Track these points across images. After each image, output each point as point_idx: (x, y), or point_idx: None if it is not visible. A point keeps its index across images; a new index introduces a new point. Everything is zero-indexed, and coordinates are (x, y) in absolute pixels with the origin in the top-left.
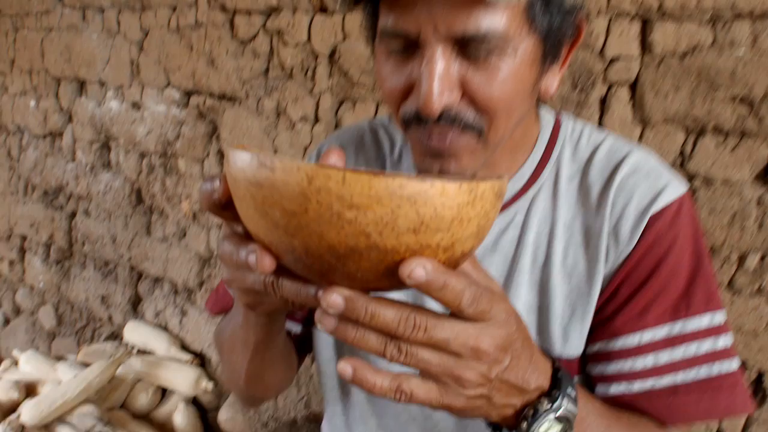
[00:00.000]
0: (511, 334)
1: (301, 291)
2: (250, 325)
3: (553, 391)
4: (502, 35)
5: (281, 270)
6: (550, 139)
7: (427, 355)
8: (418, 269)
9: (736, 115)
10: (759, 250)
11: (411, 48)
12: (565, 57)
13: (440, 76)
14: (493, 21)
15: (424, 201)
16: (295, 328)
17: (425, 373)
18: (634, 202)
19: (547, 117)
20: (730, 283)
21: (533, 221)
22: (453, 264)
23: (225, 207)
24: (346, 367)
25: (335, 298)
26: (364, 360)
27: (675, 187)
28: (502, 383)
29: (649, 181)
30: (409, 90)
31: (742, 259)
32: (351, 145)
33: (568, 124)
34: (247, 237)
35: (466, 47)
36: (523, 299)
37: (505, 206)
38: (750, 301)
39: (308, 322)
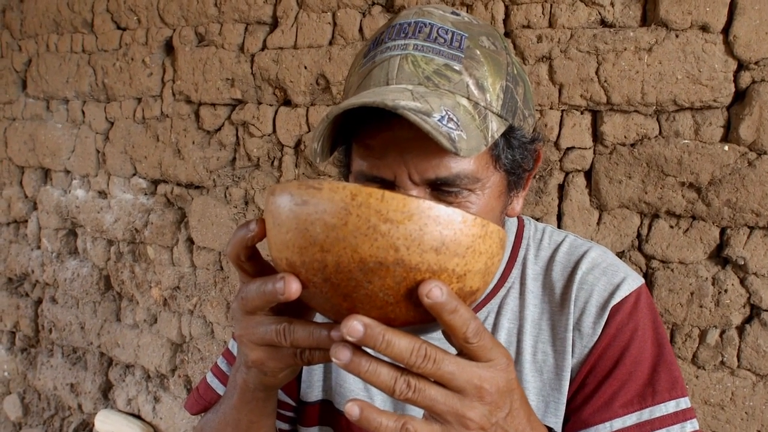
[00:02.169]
0: (511, 382)
1: (313, 333)
2: (245, 401)
3: None
4: (472, 175)
5: (294, 313)
6: (515, 241)
7: (433, 392)
8: (435, 289)
9: (685, 199)
10: (718, 326)
11: (387, 187)
12: (526, 181)
13: None
14: (462, 164)
15: (447, 223)
16: (284, 426)
17: (431, 412)
18: (595, 297)
19: (511, 220)
20: (694, 358)
21: (503, 321)
22: (461, 299)
23: (251, 257)
24: (353, 407)
25: (355, 324)
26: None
27: (631, 281)
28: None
29: (607, 277)
30: None
31: (702, 335)
32: None
33: (531, 226)
34: None
35: (440, 187)
36: None
37: (478, 307)
38: (714, 375)
39: (294, 422)
